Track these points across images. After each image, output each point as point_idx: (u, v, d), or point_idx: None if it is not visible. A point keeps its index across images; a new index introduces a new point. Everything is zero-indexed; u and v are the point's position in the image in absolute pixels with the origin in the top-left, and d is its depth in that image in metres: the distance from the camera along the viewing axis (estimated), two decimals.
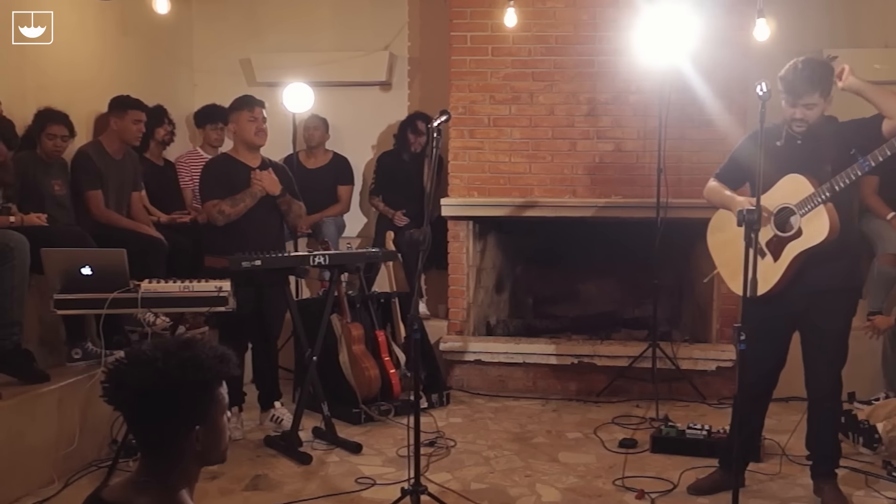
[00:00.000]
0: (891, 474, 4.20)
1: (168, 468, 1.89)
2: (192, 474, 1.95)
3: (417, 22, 6.94)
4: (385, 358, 5.40)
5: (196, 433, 1.87)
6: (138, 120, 5.25)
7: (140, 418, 1.87)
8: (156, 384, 1.81)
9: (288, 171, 5.16)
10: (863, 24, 6.29)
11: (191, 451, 1.89)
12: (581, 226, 5.99)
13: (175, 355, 1.85)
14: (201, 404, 1.88)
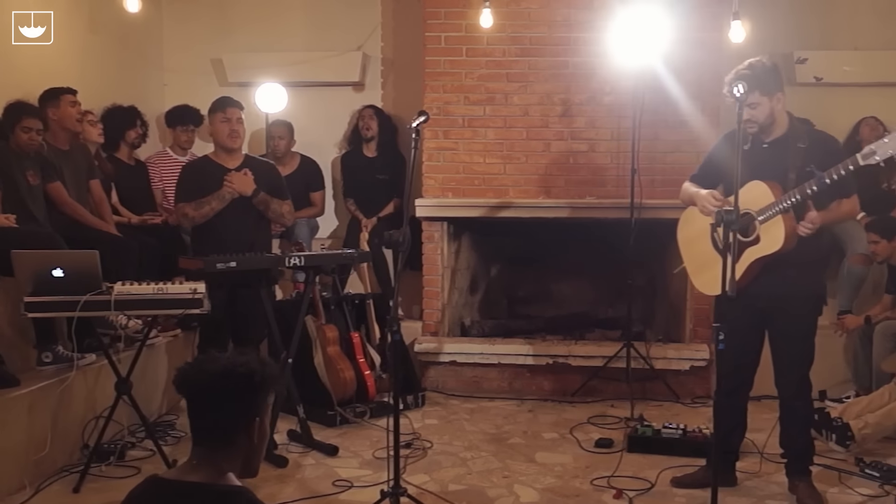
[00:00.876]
0: (864, 471, 4.24)
1: (220, 457, 2.03)
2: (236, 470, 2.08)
3: (391, 22, 6.91)
4: (360, 359, 5.37)
5: (255, 425, 2.05)
6: (73, 102, 5.12)
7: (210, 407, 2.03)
8: (232, 375, 2.01)
9: (274, 167, 5.12)
10: (833, 26, 6.36)
11: (247, 443, 2.05)
12: (555, 226, 6.00)
13: (245, 357, 2.08)
14: (263, 400, 2.07)
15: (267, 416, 2.10)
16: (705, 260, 4.01)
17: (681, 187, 5.75)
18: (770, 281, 3.77)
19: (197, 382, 2.05)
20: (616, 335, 6.04)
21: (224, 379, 2.02)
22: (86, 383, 4.52)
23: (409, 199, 4.02)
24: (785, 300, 3.78)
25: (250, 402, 2.05)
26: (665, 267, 6.20)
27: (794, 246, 3.65)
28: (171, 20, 7.08)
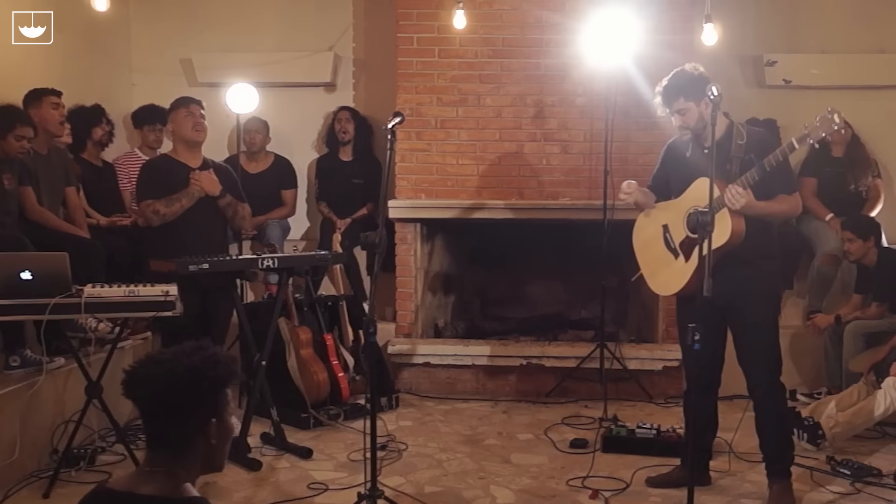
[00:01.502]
0: (835, 469, 4.29)
1: (176, 462, 1.96)
2: (195, 472, 2.02)
3: (362, 23, 6.88)
4: (333, 361, 5.33)
5: (211, 427, 1.97)
6: (56, 104, 5.05)
7: (161, 411, 1.94)
8: (180, 377, 1.92)
9: (232, 171, 5.08)
10: (801, 30, 6.44)
11: (204, 445, 1.98)
12: (528, 227, 6.02)
13: (194, 354, 1.98)
14: (218, 399, 1.99)
15: (226, 412, 2.02)
16: (660, 262, 4.07)
17: None
18: (724, 279, 3.78)
19: (144, 388, 1.95)
20: (589, 336, 6.07)
21: (173, 382, 1.92)
22: (55, 387, 4.45)
23: (385, 199, 3.99)
24: (740, 298, 3.81)
25: (203, 404, 1.96)
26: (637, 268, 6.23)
27: (741, 238, 3.68)
28: (138, 19, 6.99)
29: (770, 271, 3.89)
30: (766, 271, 3.86)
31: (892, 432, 4.84)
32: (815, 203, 5.96)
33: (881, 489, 4.08)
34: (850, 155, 6.02)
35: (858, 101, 6.27)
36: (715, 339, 3.95)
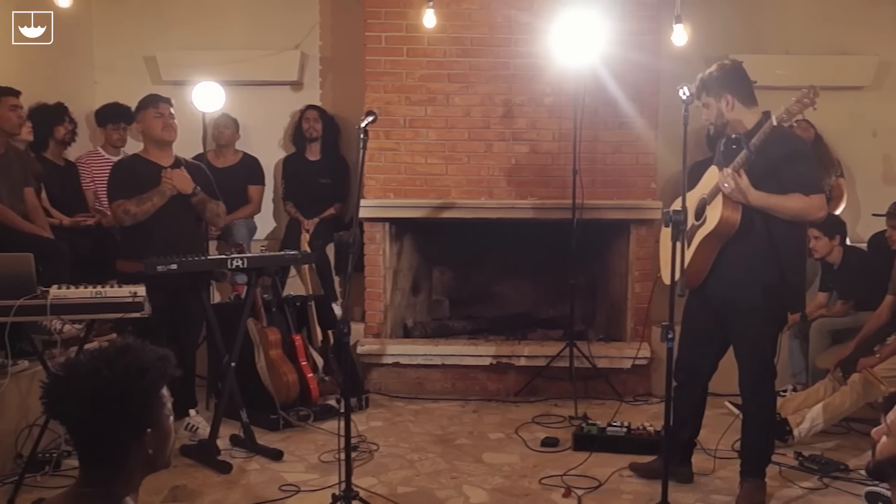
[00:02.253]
0: (803, 465, 4.35)
1: (112, 477, 1.84)
2: (135, 482, 1.90)
3: (329, 21, 6.83)
4: (303, 362, 5.29)
5: (147, 437, 1.84)
6: (15, 106, 4.95)
7: (88, 429, 1.80)
8: (104, 392, 1.76)
9: (205, 169, 5.03)
10: (765, 31, 6.51)
11: (141, 456, 1.85)
12: (497, 227, 6.02)
13: (117, 361, 1.80)
14: (150, 407, 1.85)
15: (161, 416, 1.88)
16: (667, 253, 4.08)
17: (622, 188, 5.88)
18: (720, 280, 3.84)
19: (67, 406, 1.78)
20: (558, 335, 6.09)
21: (97, 399, 1.76)
22: (19, 390, 4.37)
23: (357, 199, 3.97)
24: (735, 302, 3.83)
25: (135, 416, 1.81)
26: (605, 266, 6.28)
27: (732, 229, 3.68)
28: (101, 16, 6.88)
29: (774, 280, 3.73)
30: (764, 281, 3.73)
31: (857, 428, 4.91)
32: None
33: (849, 483, 4.15)
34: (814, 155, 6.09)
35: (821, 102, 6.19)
36: (707, 340, 3.99)
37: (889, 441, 2.30)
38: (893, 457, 2.26)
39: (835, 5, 6.50)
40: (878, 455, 2.34)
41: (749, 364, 3.92)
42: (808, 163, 3.81)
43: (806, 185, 3.68)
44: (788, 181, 3.67)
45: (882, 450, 2.33)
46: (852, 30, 6.48)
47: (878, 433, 2.41)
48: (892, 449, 2.28)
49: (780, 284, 3.76)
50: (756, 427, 3.96)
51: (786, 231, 3.74)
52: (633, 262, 5.87)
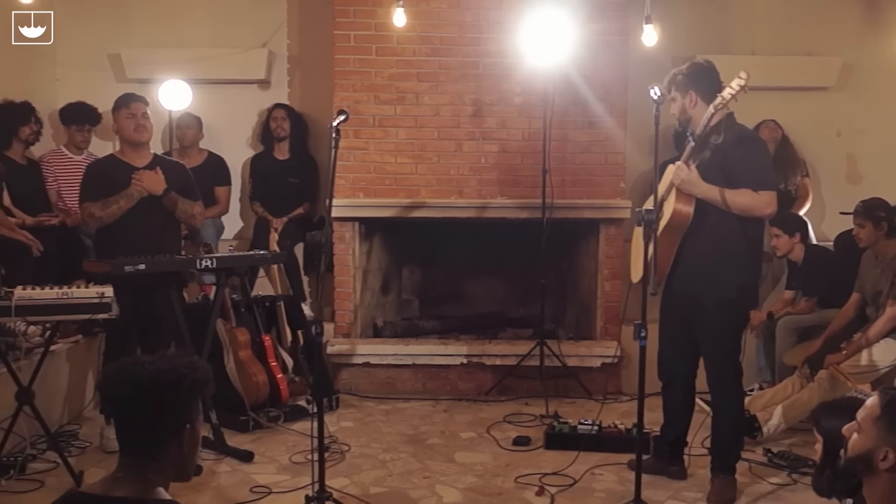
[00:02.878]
0: (772, 461, 4.40)
1: (149, 468, 1.94)
2: (166, 480, 1.99)
3: (297, 19, 6.78)
4: (272, 363, 5.25)
5: (185, 432, 1.97)
6: None
7: (139, 414, 1.93)
8: (161, 379, 1.92)
9: (185, 168, 4.96)
10: (732, 32, 6.57)
11: (177, 451, 1.97)
12: (467, 226, 6.02)
13: (174, 358, 1.98)
14: (193, 405, 1.99)
15: (198, 420, 2.03)
16: (637, 250, 4.16)
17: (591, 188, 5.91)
18: (684, 278, 3.89)
19: (122, 392, 1.94)
20: (527, 334, 6.10)
21: (151, 388, 1.92)
22: None
23: (330, 198, 3.94)
24: (697, 298, 3.88)
25: (179, 410, 1.96)
26: (574, 265, 6.31)
27: (686, 221, 3.77)
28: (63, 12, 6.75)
29: (731, 277, 3.82)
30: (728, 276, 3.81)
31: None
32: None
33: None
34: (779, 155, 6.17)
35: (787, 102, 6.44)
36: (678, 337, 4.03)
37: (860, 438, 2.34)
38: (865, 453, 2.29)
39: (800, 7, 6.58)
40: (850, 452, 2.37)
41: (714, 361, 3.97)
42: (761, 160, 3.86)
43: (756, 181, 3.77)
44: (740, 177, 3.76)
45: (854, 446, 2.36)
46: (817, 31, 6.56)
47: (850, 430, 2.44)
48: (864, 445, 2.31)
49: (740, 281, 3.85)
50: (724, 423, 4.01)
51: (742, 228, 3.82)
52: (602, 262, 5.90)
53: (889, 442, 2.24)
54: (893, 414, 2.28)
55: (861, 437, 2.33)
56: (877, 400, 2.35)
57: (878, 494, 2.30)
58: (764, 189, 3.78)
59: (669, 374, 4.13)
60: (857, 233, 4.86)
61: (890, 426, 2.26)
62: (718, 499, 3.92)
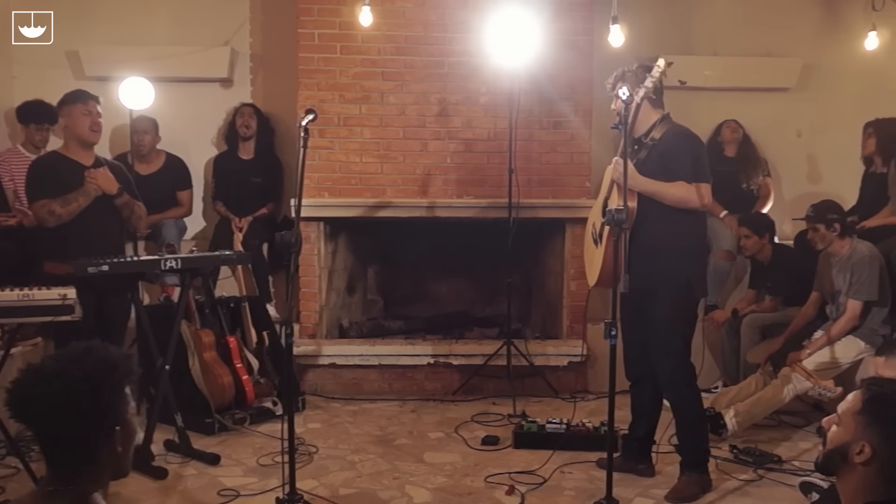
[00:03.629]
0: (738, 457, 4.45)
1: (82, 477, 1.84)
2: (104, 481, 1.90)
3: (259, 17, 6.70)
4: (237, 364, 5.19)
5: (116, 434, 1.85)
6: None
7: (59, 430, 1.80)
8: (75, 391, 1.78)
9: (125, 170, 4.89)
10: (695, 33, 6.63)
11: (111, 454, 1.86)
12: (433, 226, 6.00)
13: (85, 360, 1.82)
14: (119, 405, 1.86)
15: (129, 415, 1.89)
16: (590, 254, 4.24)
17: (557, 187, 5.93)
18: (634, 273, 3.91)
19: (35, 409, 1.78)
20: (494, 333, 6.10)
21: (69, 398, 1.77)
22: None
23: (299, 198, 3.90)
24: (647, 291, 3.93)
25: (105, 416, 1.83)
26: (540, 265, 6.33)
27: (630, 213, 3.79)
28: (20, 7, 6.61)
29: (677, 267, 3.92)
30: (674, 266, 3.90)
31: (788, 420, 5.05)
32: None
33: (783, 475, 4.26)
34: (741, 154, 6.26)
35: (748, 103, 6.52)
36: (639, 331, 4.06)
37: (839, 430, 2.36)
38: (842, 445, 2.32)
39: (761, 9, 6.65)
40: (829, 444, 2.39)
41: (660, 356, 4.02)
42: (695, 153, 3.91)
43: (690, 172, 3.85)
44: (676, 170, 3.85)
45: (832, 438, 2.38)
46: (777, 33, 6.65)
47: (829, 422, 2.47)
48: (841, 437, 2.33)
49: (686, 273, 3.92)
50: (681, 421, 4.06)
51: (684, 221, 3.90)
52: (568, 261, 5.92)
53: (866, 436, 2.27)
54: (874, 409, 2.30)
55: (840, 430, 2.35)
56: (859, 394, 2.38)
57: (851, 488, 2.33)
58: (698, 181, 3.87)
59: (636, 371, 4.17)
60: (812, 236, 4.92)
61: (869, 421, 2.28)
62: (676, 496, 3.96)
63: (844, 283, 4.82)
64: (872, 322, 4.81)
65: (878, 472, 2.26)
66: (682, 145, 3.90)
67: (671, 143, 3.90)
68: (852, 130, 6.00)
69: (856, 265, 4.76)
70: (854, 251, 4.82)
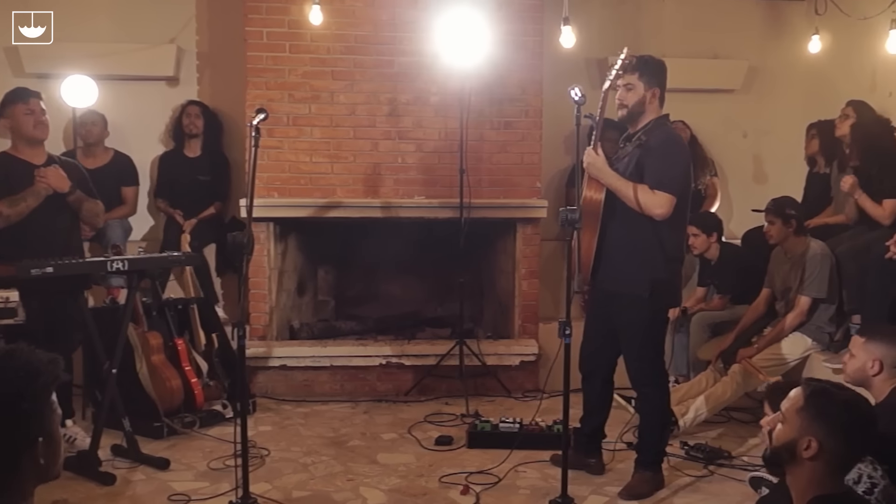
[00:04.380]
0: (689, 454, 4.50)
1: (5, 489, 1.72)
2: (28, 492, 1.79)
3: (205, 14, 6.60)
4: (186, 367, 5.10)
5: (38, 446, 1.74)
6: None
7: None
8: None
9: (80, 166, 4.79)
10: (642, 34, 6.68)
11: (33, 466, 1.75)
12: (383, 226, 5.97)
13: (5, 366, 1.71)
14: (41, 414, 1.75)
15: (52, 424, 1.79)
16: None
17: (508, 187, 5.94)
18: (604, 273, 3.95)
19: None
20: (446, 333, 6.09)
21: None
22: None
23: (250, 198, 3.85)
24: (614, 293, 3.96)
25: (25, 423, 1.72)
26: (492, 265, 6.33)
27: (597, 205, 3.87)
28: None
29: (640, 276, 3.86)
30: (640, 272, 3.86)
31: (738, 416, 5.13)
32: None
33: (733, 470, 4.32)
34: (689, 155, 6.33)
35: (695, 104, 6.60)
36: (600, 331, 4.11)
37: (784, 428, 2.41)
38: (789, 442, 2.37)
39: (708, 12, 6.74)
40: (775, 442, 2.43)
41: (630, 357, 4.06)
42: (671, 162, 3.86)
43: (657, 180, 3.81)
44: (646, 173, 3.83)
45: (778, 436, 2.43)
46: (723, 36, 6.75)
47: (773, 422, 2.51)
48: (788, 435, 2.38)
49: (653, 277, 3.89)
50: (644, 420, 4.11)
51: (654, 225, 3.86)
52: (519, 260, 5.93)
53: (812, 431, 2.32)
54: (816, 404, 2.36)
55: (785, 428, 2.40)
56: (800, 391, 2.43)
57: (801, 482, 2.38)
58: (662, 190, 3.79)
59: (589, 366, 4.20)
60: (768, 230, 5.01)
61: (813, 416, 2.34)
62: (629, 493, 3.99)
63: (796, 280, 4.90)
64: (820, 319, 4.91)
65: (826, 465, 2.32)
66: (664, 152, 3.85)
67: (656, 147, 3.85)
68: (796, 131, 6.12)
69: (809, 262, 4.86)
70: (808, 249, 4.92)
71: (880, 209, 4.82)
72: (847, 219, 5.21)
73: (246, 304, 3.69)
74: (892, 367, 3.17)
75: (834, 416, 2.32)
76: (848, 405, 2.37)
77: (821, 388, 2.42)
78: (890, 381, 3.17)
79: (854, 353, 3.25)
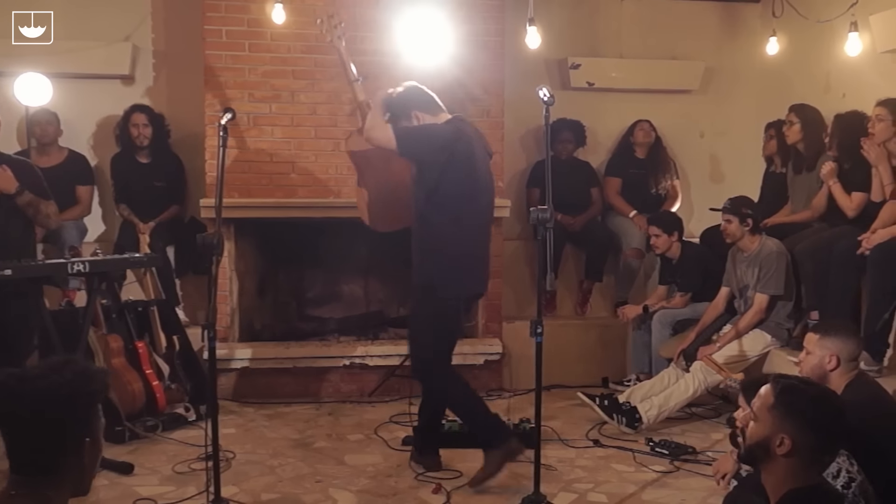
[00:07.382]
0: (654, 450, 4.56)
1: (46, 485, 1.86)
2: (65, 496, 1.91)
3: (161, 12, 6.49)
4: (147, 370, 5.02)
5: (86, 445, 1.88)
6: None
7: (33, 433, 1.83)
8: (54, 395, 1.81)
9: (33, 166, 4.68)
10: (601, 35, 6.76)
11: (76, 466, 1.88)
12: (345, 226, 5.93)
13: (65, 369, 1.86)
14: (92, 416, 1.92)
15: (99, 430, 1.96)
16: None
17: None
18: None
19: (11, 411, 1.82)
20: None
21: (45, 405, 1.81)
22: None
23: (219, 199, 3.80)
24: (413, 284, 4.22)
25: (78, 425, 1.87)
26: None
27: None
28: None
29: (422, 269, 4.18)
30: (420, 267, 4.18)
31: (699, 413, 5.21)
32: (619, 201, 6.34)
33: (697, 465, 4.38)
34: (652, 158, 6.42)
35: (655, 104, 6.69)
36: None
37: (756, 426, 2.45)
38: (763, 440, 2.41)
39: (665, 14, 6.83)
40: (749, 440, 2.47)
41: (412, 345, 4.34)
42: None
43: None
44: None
45: (751, 434, 2.47)
46: (681, 37, 6.84)
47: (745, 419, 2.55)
48: (760, 433, 2.42)
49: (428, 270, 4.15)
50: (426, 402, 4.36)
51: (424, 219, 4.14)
52: None
53: (784, 428, 2.36)
54: (786, 401, 2.40)
55: (757, 426, 2.44)
56: (770, 389, 2.47)
57: (776, 479, 2.42)
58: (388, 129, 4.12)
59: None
60: (725, 228, 5.09)
61: (784, 413, 2.38)
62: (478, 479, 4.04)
63: (752, 278, 4.99)
64: (778, 316, 5.01)
65: (800, 460, 2.37)
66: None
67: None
68: (752, 131, 6.24)
69: (764, 261, 4.94)
70: (763, 247, 5.01)
71: (848, 200, 4.93)
72: (814, 212, 5.27)
73: (215, 306, 3.62)
74: (849, 361, 3.26)
75: (804, 412, 2.37)
76: (817, 401, 2.42)
77: (790, 384, 2.47)
78: (846, 376, 3.25)
79: (809, 349, 3.32)
